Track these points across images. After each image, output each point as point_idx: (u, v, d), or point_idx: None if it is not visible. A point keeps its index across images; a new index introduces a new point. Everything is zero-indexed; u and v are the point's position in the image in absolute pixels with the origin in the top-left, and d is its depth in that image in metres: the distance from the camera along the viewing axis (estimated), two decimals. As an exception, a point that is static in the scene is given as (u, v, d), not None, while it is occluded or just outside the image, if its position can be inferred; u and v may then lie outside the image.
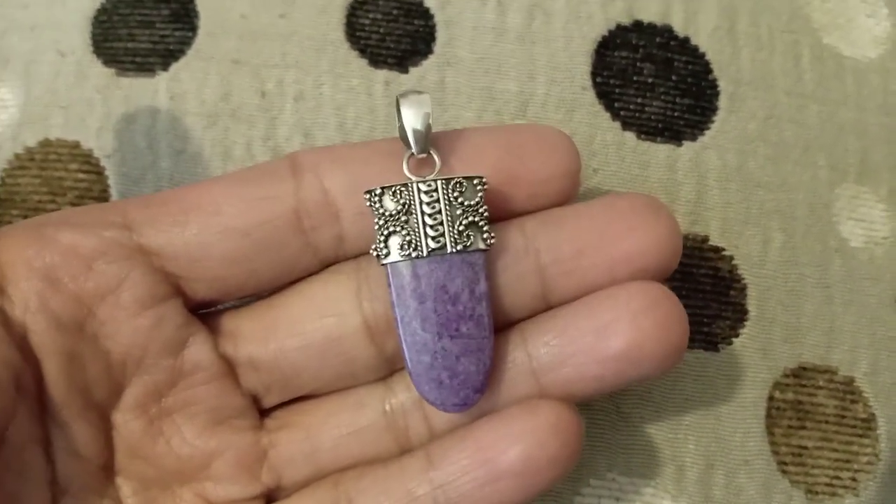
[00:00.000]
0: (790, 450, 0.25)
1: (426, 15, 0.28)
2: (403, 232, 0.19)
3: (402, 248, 0.19)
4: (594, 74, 0.28)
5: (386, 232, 0.20)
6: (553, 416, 0.19)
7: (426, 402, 0.20)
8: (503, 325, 0.21)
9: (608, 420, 0.24)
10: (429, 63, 0.28)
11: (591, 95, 0.27)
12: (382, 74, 0.27)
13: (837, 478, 0.25)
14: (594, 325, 0.20)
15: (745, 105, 0.28)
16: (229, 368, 0.21)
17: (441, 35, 0.28)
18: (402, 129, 0.20)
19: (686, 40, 0.28)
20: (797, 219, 0.27)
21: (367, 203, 0.20)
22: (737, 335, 0.26)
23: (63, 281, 0.19)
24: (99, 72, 0.27)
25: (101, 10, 0.28)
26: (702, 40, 0.28)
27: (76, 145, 0.27)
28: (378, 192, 0.20)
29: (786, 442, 0.25)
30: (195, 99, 0.27)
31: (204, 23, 0.28)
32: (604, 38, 0.28)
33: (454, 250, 0.19)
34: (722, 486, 0.24)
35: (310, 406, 0.22)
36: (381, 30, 0.28)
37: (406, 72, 0.27)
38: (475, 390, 0.20)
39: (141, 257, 0.20)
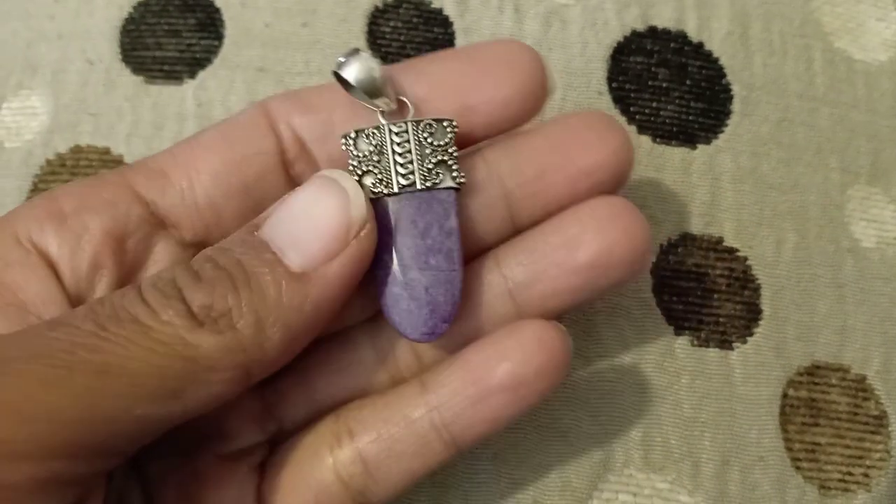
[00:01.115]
0: (804, 446, 0.26)
1: (445, 23, 0.29)
2: (376, 171, 0.20)
3: (373, 186, 0.20)
4: (610, 79, 0.28)
5: (360, 172, 0.20)
6: (537, 332, 0.20)
7: (396, 331, 0.20)
8: (477, 253, 0.22)
9: (626, 417, 0.25)
10: (448, 69, 0.28)
11: (607, 100, 0.28)
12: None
13: (850, 474, 0.26)
14: (563, 240, 0.21)
15: (758, 109, 0.28)
16: None
17: (460, 42, 0.28)
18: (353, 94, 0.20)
19: (700, 45, 0.29)
20: (810, 220, 0.28)
21: (343, 146, 0.20)
22: (751, 334, 0.26)
23: (107, 266, 0.20)
24: (128, 80, 0.28)
25: (129, 20, 0.29)
26: (715, 45, 0.29)
27: (106, 151, 0.28)
28: (353, 135, 0.20)
29: (799, 438, 0.26)
30: (221, 106, 0.28)
31: (229, 32, 0.29)
32: (619, 43, 0.29)
33: (423, 187, 0.20)
34: (737, 481, 0.25)
35: (304, 350, 0.22)
36: (402, 37, 0.29)
37: (426, 78, 0.28)
38: (443, 320, 0.20)
39: (159, 227, 0.21)
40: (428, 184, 0.20)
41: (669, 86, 0.28)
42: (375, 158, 0.20)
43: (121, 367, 0.16)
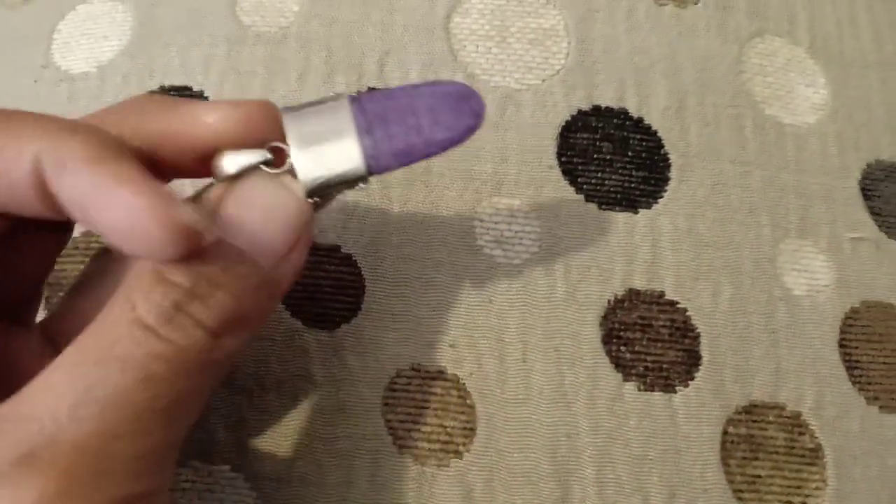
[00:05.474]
0: (745, 479, 0.28)
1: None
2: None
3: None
4: (559, 154, 0.32)
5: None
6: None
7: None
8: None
9: (580, 457, 0.28)
10: (415, 150, 0.32)
11: (557, 173, 0.31)
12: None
13: (790, 503, 0.28)
14: None
15: (694, 175, 0.32)
16: None
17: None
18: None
19: (640, 120, 0.32)
20: (744, 272, 0.31)
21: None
22: (692, 378, 0.29)
23: None
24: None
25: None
26: (654, 119, 0.32)
27: (114, 234, 0.31)
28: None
29: (740, 472, 0.28)
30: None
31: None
32: (567, 122, 0.32)
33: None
34: (684, 512, 0.28)
35: None
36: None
37: (396, 159, 0.31)
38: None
39: None
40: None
41: (613, 158, 0.32)
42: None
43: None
